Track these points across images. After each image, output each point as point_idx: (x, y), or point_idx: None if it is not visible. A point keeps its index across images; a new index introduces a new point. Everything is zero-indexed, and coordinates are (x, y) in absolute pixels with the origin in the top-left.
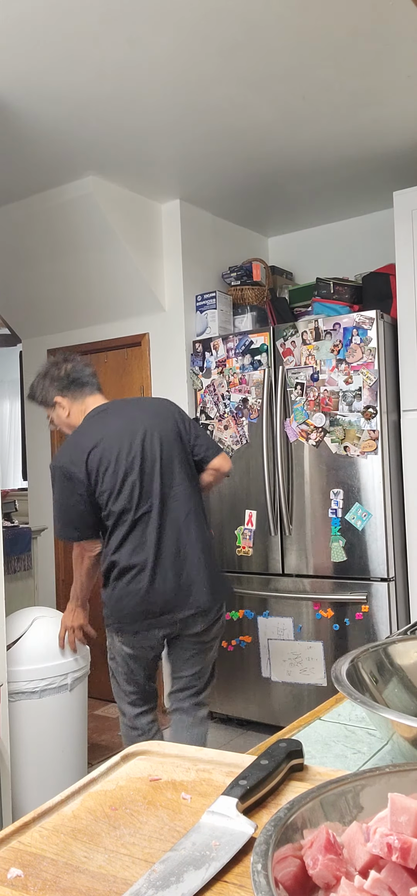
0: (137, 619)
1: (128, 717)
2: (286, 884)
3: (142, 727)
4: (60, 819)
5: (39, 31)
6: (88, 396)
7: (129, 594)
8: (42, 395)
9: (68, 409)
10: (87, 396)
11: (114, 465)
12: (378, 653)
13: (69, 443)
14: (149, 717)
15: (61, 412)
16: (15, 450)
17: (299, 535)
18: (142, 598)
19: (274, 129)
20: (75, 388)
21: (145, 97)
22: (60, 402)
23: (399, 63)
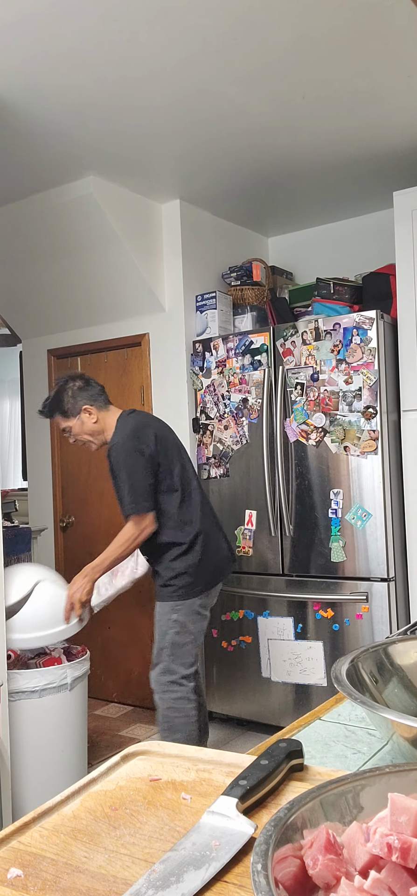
0: (218, 578)
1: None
2: (286, 884)
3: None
4: (60, 819)
5: (39, 31)
6: (110, 405)
7: (214, 554)
8: (70, 404)
9: (96, 416)
10: (109, 405)
11: (169, 446)
12: (378, 653)
13: (129, 424)
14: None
15: (88, 419)
16: (15, 450)
17: (299, 535)
18: (222, 558)
19: (274, 129)
20: (101, 398)
21: (145, 97)
22: (89, 409)
23: (399, 63)
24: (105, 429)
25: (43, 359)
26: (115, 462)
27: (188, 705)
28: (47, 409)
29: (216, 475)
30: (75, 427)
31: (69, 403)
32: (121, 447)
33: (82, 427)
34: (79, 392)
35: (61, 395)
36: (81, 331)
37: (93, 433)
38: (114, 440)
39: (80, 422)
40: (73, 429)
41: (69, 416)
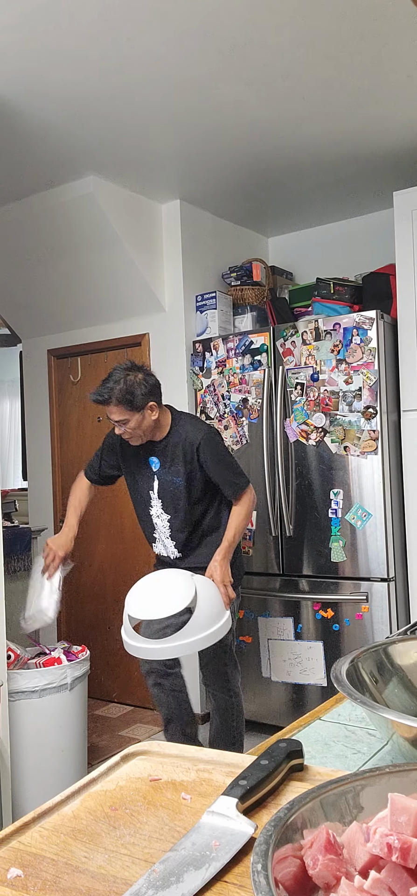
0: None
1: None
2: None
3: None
4: (60, 819)
5: (39, 32)
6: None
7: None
8: (139, 399)
9: (157, 413)
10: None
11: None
12: (378, 653)
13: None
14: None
15: (150, 416)
16: (15, 450)
17: (299, 535)
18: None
19: (274, 129)
20: (161, 395)
21: (145, 97)
22: (154, 406)
23: (399, 63)
24: (160, 426)
25: (43, 359)
26: (213, 452)
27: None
28: (113, 397)
29: None
30: (134, 421)
31: (139, 398)
32: (212, 437)
33: (142, 422)
34: (149, 387)
35: (134, 387)
36: (81, 331)
37: (147, 429)
38: (197, 434)
39: (142, 416)
40: (131, 422)
41: (134, 410)
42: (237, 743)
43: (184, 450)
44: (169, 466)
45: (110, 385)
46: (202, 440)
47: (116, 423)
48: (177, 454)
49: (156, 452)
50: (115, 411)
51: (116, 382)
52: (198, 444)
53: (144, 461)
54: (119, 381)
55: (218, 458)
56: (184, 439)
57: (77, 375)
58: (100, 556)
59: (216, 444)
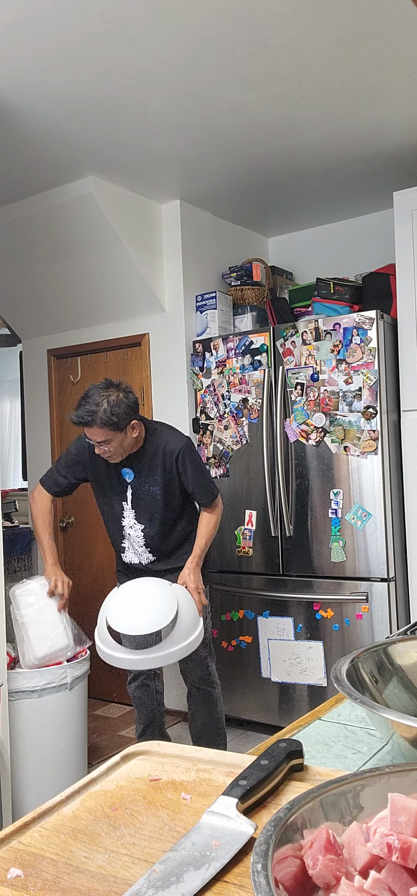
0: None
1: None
2: (286, 884)
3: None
4: (60, 819)
5: (39, 32)
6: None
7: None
8: (123, 419)
9: (138, 430)
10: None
11: None
12: (378, 653)
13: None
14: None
15: (131, 433)
16: (15, 450)
17: (299, 535)
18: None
19: (274, 130)
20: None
21: (145, 97)
22: (136, 424)
23: (399, 63)
24: (138, 440)
25: (43, 359)
26: (192, 461)
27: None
28: (97, 419)
29: (216, 475)
30: (117, 441)
31: (123, 418)
32: (188, 447)
33: (123, 441)
34: (130, 406)
35: (115, 408)
36: (81, 331)
37: (127, 447)
38: (177, 444)
39: (124, 436)
40: (114, 442)
41: (117, 430)
42: (222, 733)
43: (163, 459)
44: (145, 476)
45: (92, 407)
46: (182, 450)
47: (97, 444)
48: (155, 464)
49: (131, 464)
50: (99, 433)
51: (98, 405)
52: (177, 453)
53: (116, 474)
54: (101, 402)
55: (195, 467)
56: (162, 449)
57: (77, 375)
58: (100, 556)
59: (194, 454)
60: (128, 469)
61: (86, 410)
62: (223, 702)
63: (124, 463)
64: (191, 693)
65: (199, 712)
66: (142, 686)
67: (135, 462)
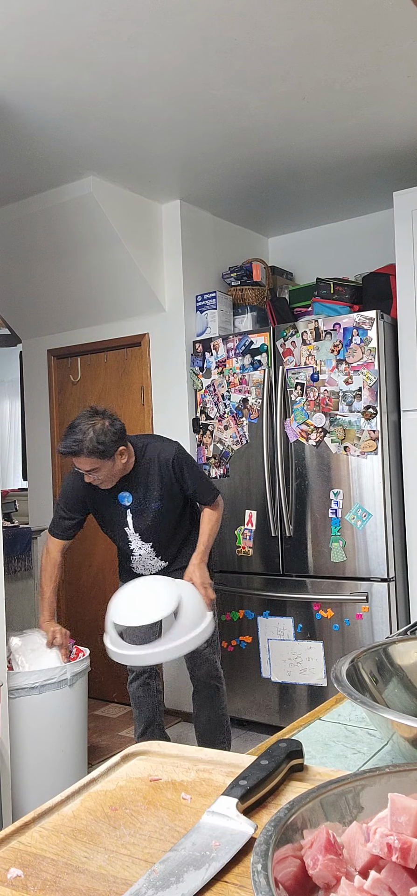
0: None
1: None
2: (286, 884)
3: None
4: (60, 819)
5: (39, 31)
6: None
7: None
8: (110, 447)
9: (127, 455)
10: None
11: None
12: (378, 653)
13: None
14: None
15: (119, 460)
16: (15, 450)
17: (299, 535)
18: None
19: (275, 130)
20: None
21: (145, 97)
22: (124, 450)
23: (399, 63)
24: (128, 465)
25: (43, 359)
26: (186, 464)
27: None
28: (84, 449)
29: (216, 475)
30: (106, 469)
31: (110, 446)
32: (180, 451)
33: (112, 469)
34: (117, 433)
35: (102, 436)
36: (81, 331)
37: (117, 473)
38: (170, 450)
39: (113, 463)
40: (103, 469)
41: (105, 458)
42: (227, 728)
43: (159, 470)
44: (143, 495)
45: (78, 437)
46: (175, 455)
47: (86, 472)
48: (152, 479)
49: (126, 487)
50: (87, 462)
51: (84, 434)
52: (172, 459)
53: (113, 501)
54: (87, 431)
55: (191, 469)
56: (157, 461)
57: (77, 375)
58: (100, 556)
59: (187, 456)
60: (125, 493)
61: (72, 440)
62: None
63: (120, 488)
64: (198, 689)
65: (204, 708)
66: (143, 685)
67: (130, 484)
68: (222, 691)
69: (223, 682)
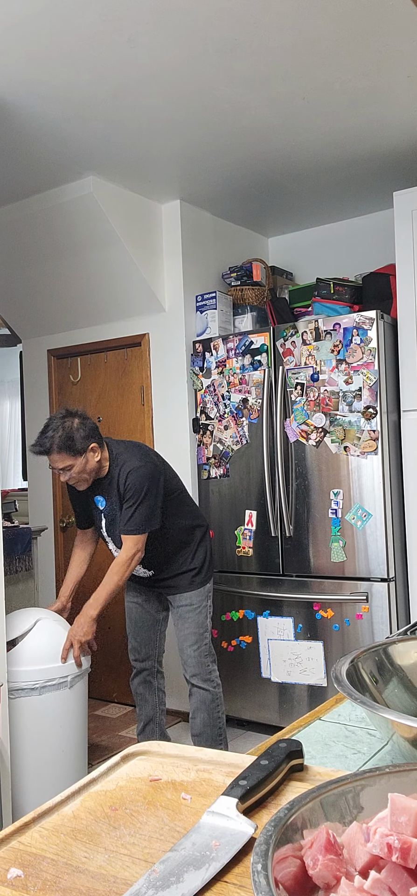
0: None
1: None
2: (286, 884)
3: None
4: (60, 819)
5: (39, 31)
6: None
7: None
8: (80, 443)
9: (99, 454)
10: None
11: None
12: (378, 653)
13: (140, 448)
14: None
15: (92, 458)
16: (15, 450)
17: (299, 535)
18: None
19: (275, 130)
20: (99, 435)
21: (145, 97)
22: (95, 447)
23: (399, 63)
24: (102, 465)
25: (43, 359)
26: (136, 486)
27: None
28: (54, 445)
29: (216, 475)
30: (78, 465)
31: (79, 442)
32: (144, 471)
33: (85, 465)
34: (87, 430)
35: (71, 432)
36: (81, 331)
37: (91, 472)
38: (132, 465)
39: (85, 460)
40: (76, 467)
41: (76, 454)
42: (222, 733)
43: (118, 481)
44: (114, 500)
45: (49, 434)
46: (132, 472)
47: (61, 471)
48: (116, 488)
49: (101, 490)
50: (58, 459)
51: (55, 431)
52: (127, 472)
53: (92, 501)
54: (57, 429)
55: (138, 493)
56: (118, 471)
57: (77, 375)
58: (100, 556)
59: (147, 478)
60: (100, 497)
61: (44, 438)
62: (224, 705)
63: (97, 490)
64: (191, 692)
65: (199, 712)
66: (144, 682)
67: (104, 488)
68: (214, 696)
69: (217, 687)
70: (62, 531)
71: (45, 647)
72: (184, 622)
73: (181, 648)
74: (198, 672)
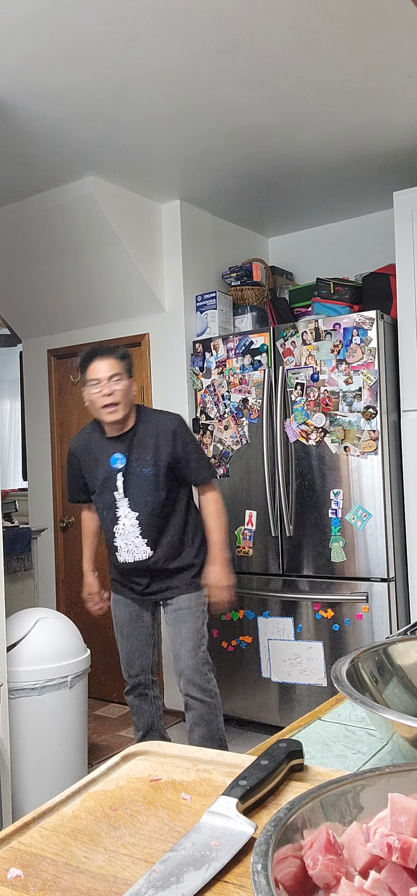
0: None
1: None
2: (286, 884)
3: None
4: (60, 819)
5: (39, 31)
6: None
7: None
8: (132, 368)
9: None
10: None
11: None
12: (378, 653)
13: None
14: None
15: (133, 389)
16: (15, 450)
17: (299, 535)
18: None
19: (275, 129)
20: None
21: (145, 97)
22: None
23: (399, 63)
24: (129, 415)
25: (43, 359)
26: (188, 434)
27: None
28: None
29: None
30: (127, 384)
31: (132, 366)
32: (183, 424)
33: (129, 390)
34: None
35: (129, 355)
36: (81, 331)
37: (129, 403)
38: (172, 420)
39: (130, 384)
40: (125, 382)
41: (128, 373)
42: (223, 745)
43: (156, 438)
44: (136, 459)
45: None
46: (178, 425)
47: (108, 381)
48: (147, 444)
49: (121, 448)
50: (116, 365)
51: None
52: (174, 428)
53: (106, 462)
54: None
55: (190, 440)
56: (156, 427)
57: (77, 375)
58: (100, 555)
59: (189, 429)
60: (118, 455)
61: (105, 346)
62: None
63: (115, 448)
64: (188, 705)
65: (197, 727)
66: (140, 696)
67: (125, 445)
68: (214, 707)
69: (215, 697)
70: (62, 531)
71: (45, 647)
72: (181, 626)
73: (177, 655)
74: (195, 681)
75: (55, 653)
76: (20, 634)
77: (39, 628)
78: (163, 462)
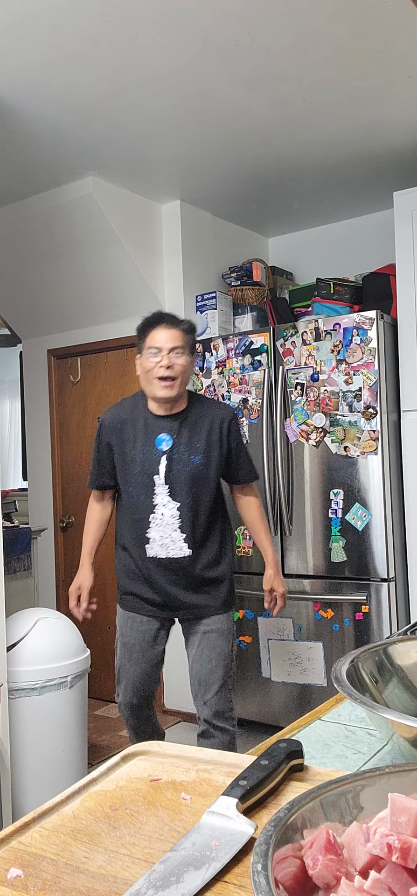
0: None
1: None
2: (286, 884)
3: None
4: (60, 819)
5: (39, 32)
6: None
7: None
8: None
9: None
10: None
11: None
12: (378, 653)
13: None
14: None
15: (192, 367)
16: (15, 450)
17: (299, 535)
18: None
19: (275, 130)
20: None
21: (145, 98)
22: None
23: (399, 63)
24: (182, 395)
25: (43, 359)
26: (240, 429)
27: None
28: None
29: None
30: (189, 359)
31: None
32: (237, 416)
33: (190, 367)
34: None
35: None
36: (81, 331)
37: (185, 381)
38: (228, 411)
39: (191, 362)
40: (184, 355)
41: (191, 349)
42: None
43: (210, 426)
44: (186, 443)
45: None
46: (234, 417)
47: (169, 353)
48: (200, 430)
49: (169, 428)
50: (180, 337)
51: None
52: (229, 420)
53: (149, 441)
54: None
55: (240, 438)
56: (210, 413)
57: (77, 375)
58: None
59: (239, 426)
60: (165, 436)
61: (171, 314)
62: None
63: (162, 428)
64: (208, 733)
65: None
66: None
67: (174, 426)
68: (234, 733)
69: (235, 725)
70: (62, 531)
71: (44, 647)
72: (211, 650)
73: (204, 682)
74: (221, 711)
75: (55, 653)
76: (20, 634)
77: (39, 628)
78: (215, 452)
